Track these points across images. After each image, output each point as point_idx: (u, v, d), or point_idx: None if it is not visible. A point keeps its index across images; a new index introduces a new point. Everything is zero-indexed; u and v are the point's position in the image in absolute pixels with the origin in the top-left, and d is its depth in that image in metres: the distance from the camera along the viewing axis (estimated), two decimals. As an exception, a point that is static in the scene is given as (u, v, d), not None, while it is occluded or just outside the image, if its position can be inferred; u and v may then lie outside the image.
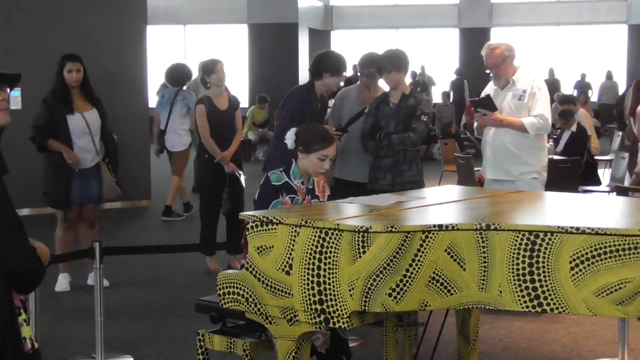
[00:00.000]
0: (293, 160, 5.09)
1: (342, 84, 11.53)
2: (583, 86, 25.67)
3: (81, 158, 7.98)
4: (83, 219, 8.28)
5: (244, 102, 23.08)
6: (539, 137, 7.39)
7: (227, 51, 26.61)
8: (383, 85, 7.54)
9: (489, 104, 7.28)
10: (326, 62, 7.33)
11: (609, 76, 26.64)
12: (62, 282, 8.27)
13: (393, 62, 7.09)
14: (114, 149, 8.25)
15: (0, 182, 3.00)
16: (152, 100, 14.85)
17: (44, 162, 8.12)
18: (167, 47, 26.87)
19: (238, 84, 24.86)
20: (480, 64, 7.58)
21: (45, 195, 8.16)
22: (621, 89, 26.02)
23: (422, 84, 23.25)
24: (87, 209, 8.23)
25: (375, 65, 7.38)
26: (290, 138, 5.12)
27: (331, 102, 8.64)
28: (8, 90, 3.11)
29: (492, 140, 7.45)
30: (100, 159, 8.13)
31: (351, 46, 27.25)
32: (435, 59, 28.49)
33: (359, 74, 7.92)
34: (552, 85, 24.31)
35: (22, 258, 2.91)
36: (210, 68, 8.77)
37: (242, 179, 8.70)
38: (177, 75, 12.52)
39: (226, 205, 8.70)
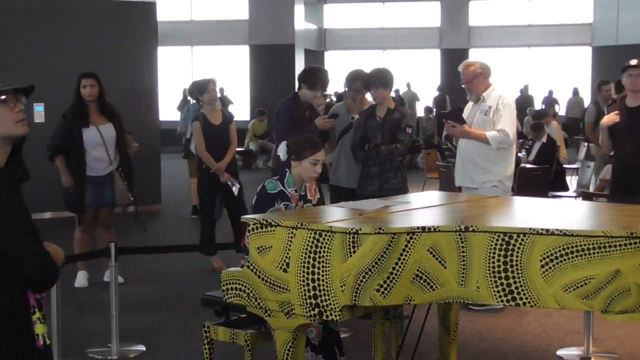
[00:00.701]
0: (287, 170, 5.10)
1: (334, 99, 11.47)
2: (550, 101, 25.76)
3: (94, 167, 8.04)
4: (99, 221, 8.30)
5: (245, 116, 23.26)
6: (504, 149, 7.33)
7: (230, 70, 26.66)
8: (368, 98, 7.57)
9: (458, 117, 7.29)
10: (305, 76, 7.46)
11: (576, 93, 26.72)
12: (81, 279, 8.29)
13: (380, 80, 7.12)
14: (127, 159, 8.27)
15: (18, 193, 2.94)
16: (163, 114, 14.86)
17: None
18: (177, 66, 26.88)
19: (240, 99, 24.93)
20: (459, 81, 7.59)
21: (65, 201, 8.19)
22: (586, 104, 26.09)
23: (399, 99, 23.17)
24: (102, 213, 8.26)
25: (360, 80, 7.42)
26: (282, 151, 5.13)
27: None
28: (24, 100, 3.08)
29: (461, 151, 7.49)
30: (114, 168, 8.14)
31: (343, 65, 27.28)
32: (419, 77, 28.51)
33: (346, 89, 7.94)
34: (526, 100, 24.42)
35: (38, 264, 2.89)
36: (203, 87, 8.80)
37: (235, 188, 8.65)
38: (197, 90, 12.56)
39: (218, 212, 8.72)
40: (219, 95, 9.06)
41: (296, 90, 7.49)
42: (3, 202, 2.84)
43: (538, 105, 25.01)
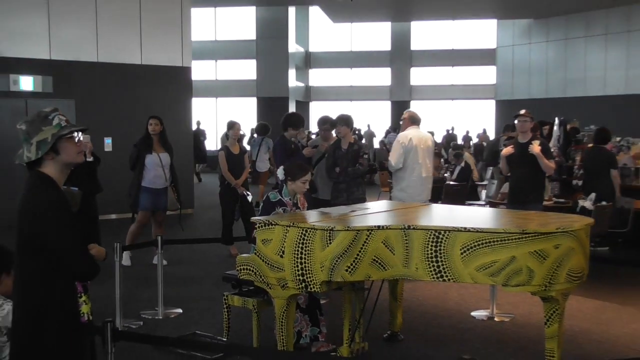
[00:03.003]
0: (284, 184, 5.13)
1: (314, 136, 11.46)
2: (467, 138, 25.90)
3: (154, 181, 8.14)
4: (155, 220, 8.29)
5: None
6: (398, 171, 7.48)
7: (243, 114, 26.62)
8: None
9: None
10: (290, 120, 7.63)
11: (484, 132, 26.87)
12: (126, 258, 8.28)
13: (344, 121, 7.15)
14: (176, 179, 8.37)
15: (67, 209, 2.81)
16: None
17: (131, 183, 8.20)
18: (205, 112, 26.80)
19: (249, 135, 24.86)
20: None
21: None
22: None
23: (359, 136, 23.08)
24: (158, 214, 8.27)
25: (327, 123, 7.48)
26: (280, 173, 5.25)
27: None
28: (81, 137, 2.98)
29: None
30: (168, 184, 8.17)
31: (323, 112, 27.30)
32: (376, 120, 28.53)
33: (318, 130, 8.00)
34: (451, 137, 24.49)
35: (84, 265, 2.81)
36: (231, 126, 8.85)
37: (249, 197, 8.73)
38: (262, 129, 13.44)
39: (237, 215, 8.74)
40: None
41: (283, 132, 7.60)
42: (59, 221, 2.74)
43: (459, 141, 25.12)
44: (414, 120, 7.61)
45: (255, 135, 14.80)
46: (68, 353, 2.80)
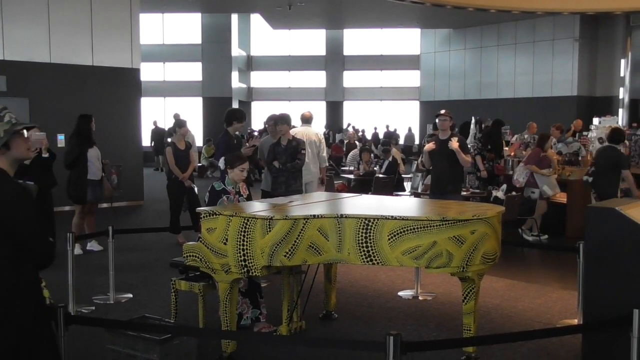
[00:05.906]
0: (226, 175, 5.09)
1: (256, 134, 11.41)
2: (394, 135, 26.16)
3: (96, 174, 8.15)
4: (88, 210, 8.29)
5: (199, 143, 22.85)
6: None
7: (189, 113, 26.18)
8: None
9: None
10: (234, 115, 7.38)
11: (410, 130, 27.25)
12: (77, 249, 8.07)
13: (284, 119, 7.12)
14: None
15: (31, 197, 2.73)
16: (144, 141, 14.48)
17: (73, 175, 8.00)
18: (154, 111, 26.25)
19: (195, 132, 24.47)
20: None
21: (71, 196, 8.02)
22: (416, 137, 26.75)
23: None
24: (91, 204, 8.28)
25: (272, 120, 7.47)
26: (222, 163, 5.25)
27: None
28: (31, 134, 2.88)
29: None
30: (102, 175, 8.31)
31: (263, 111, 27.24)
32: (314, 119, 28.50)
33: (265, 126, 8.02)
34: (378, 135, 24.69)
35: (49, 249, 2.72)
36: (181, 124, 8.68)
37: (195, 190, 8.63)
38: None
39: (185, 206, 8.63)
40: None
41: (226, 127, 7.46)
42: (24, 208, 2.66)
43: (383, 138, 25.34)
44: (305, 120, 8.28)
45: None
46: (37, 334, 2.74)
